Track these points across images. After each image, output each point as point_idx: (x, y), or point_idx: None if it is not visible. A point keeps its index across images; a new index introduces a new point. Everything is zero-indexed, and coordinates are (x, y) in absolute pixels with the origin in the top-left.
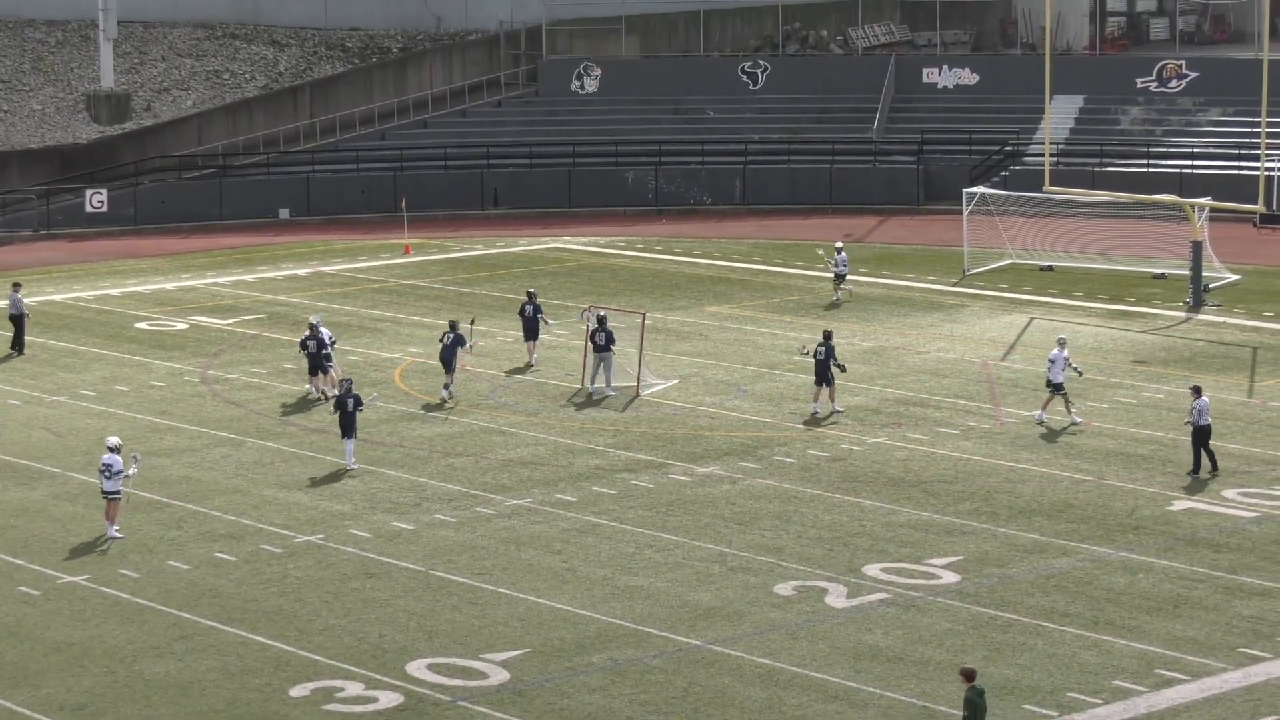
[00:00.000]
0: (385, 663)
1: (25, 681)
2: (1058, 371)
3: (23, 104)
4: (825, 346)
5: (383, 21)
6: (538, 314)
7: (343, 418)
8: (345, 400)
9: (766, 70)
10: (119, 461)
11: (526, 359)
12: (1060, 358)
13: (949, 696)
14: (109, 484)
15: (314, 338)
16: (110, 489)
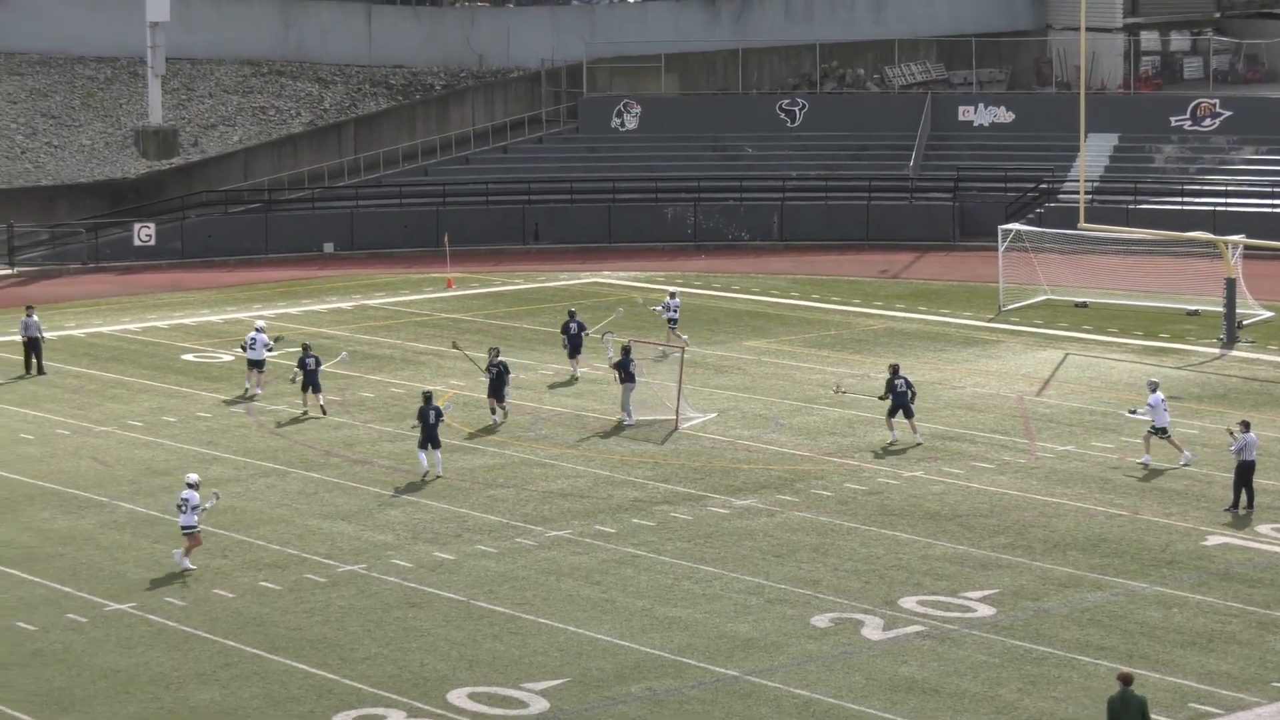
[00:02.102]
0: (427, 691)
1: (73, 707)
2: (1162, 415)
3: (72, 139)
4: (902, 379)
5: (426, 59)
6: (581, 331)
7: (425, 429)
8: (427, 412)
9: (804, 108)
10: (196, 496)
11: (571, 374)
12: (1159, 401)
13: None
14: (184, 518)
15: (311, 355)
16: (186, 523)
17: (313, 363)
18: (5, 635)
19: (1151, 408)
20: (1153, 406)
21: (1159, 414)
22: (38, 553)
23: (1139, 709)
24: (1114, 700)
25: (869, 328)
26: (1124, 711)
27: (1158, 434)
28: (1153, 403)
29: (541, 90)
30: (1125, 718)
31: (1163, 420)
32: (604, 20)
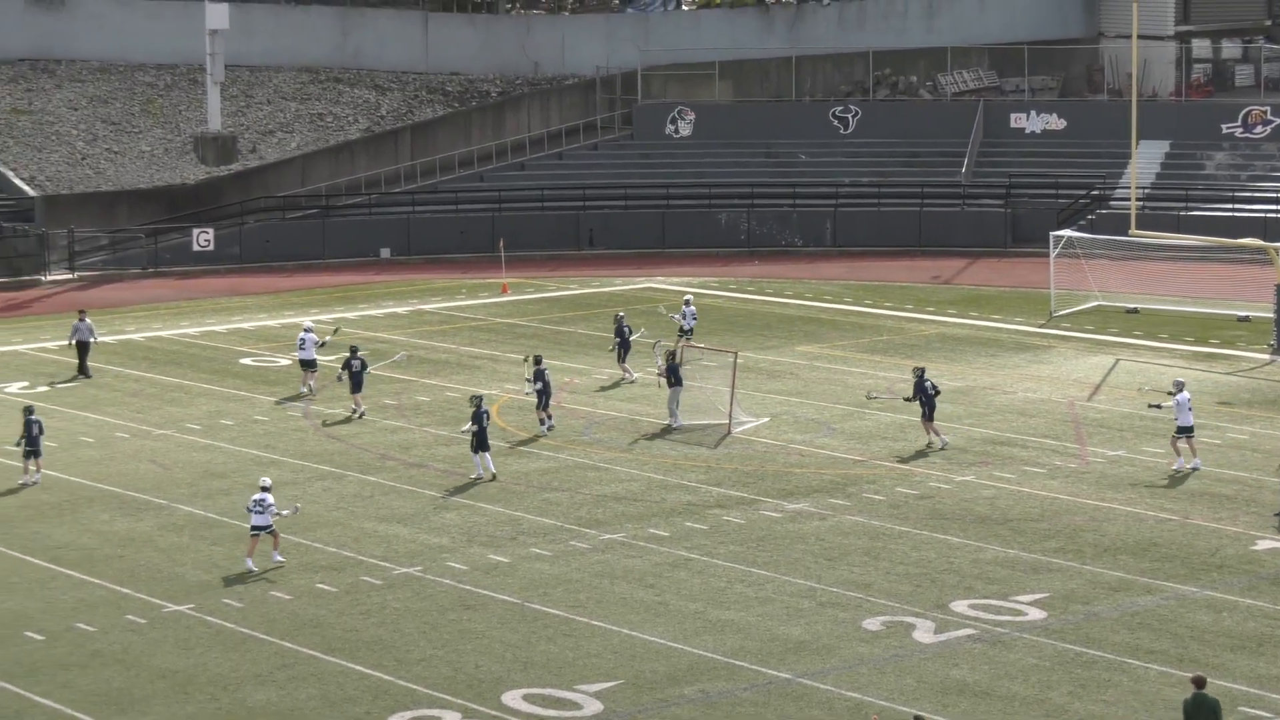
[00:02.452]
0: (481, 693)
1: (131, 708)
2: (1186, 415)
3: (132, 145)
4: (929, 381)
5: (482, 66)
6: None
7: (478, 433)
8: (481, 415)
9: (857, 115)
10: (270, 498)
11: (622, 377)
12: (1185, 400)
13: None
14: (258, 519)
15: (356, 357)
16: (258, 524)
17: (358, 365)
18: (65, 636)
19: (1178, 406)
20: (1179, 405)
21: (1183, 414)
22: (97, 554)
23: (1212, 711)
24: (1188, 703)
25: (921, 333)
26: (1197, 714)
27: (1182, 434)
28: (1180, 402)
29: (596, 97)
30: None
31: (1187, 420)
32: (659, 28)
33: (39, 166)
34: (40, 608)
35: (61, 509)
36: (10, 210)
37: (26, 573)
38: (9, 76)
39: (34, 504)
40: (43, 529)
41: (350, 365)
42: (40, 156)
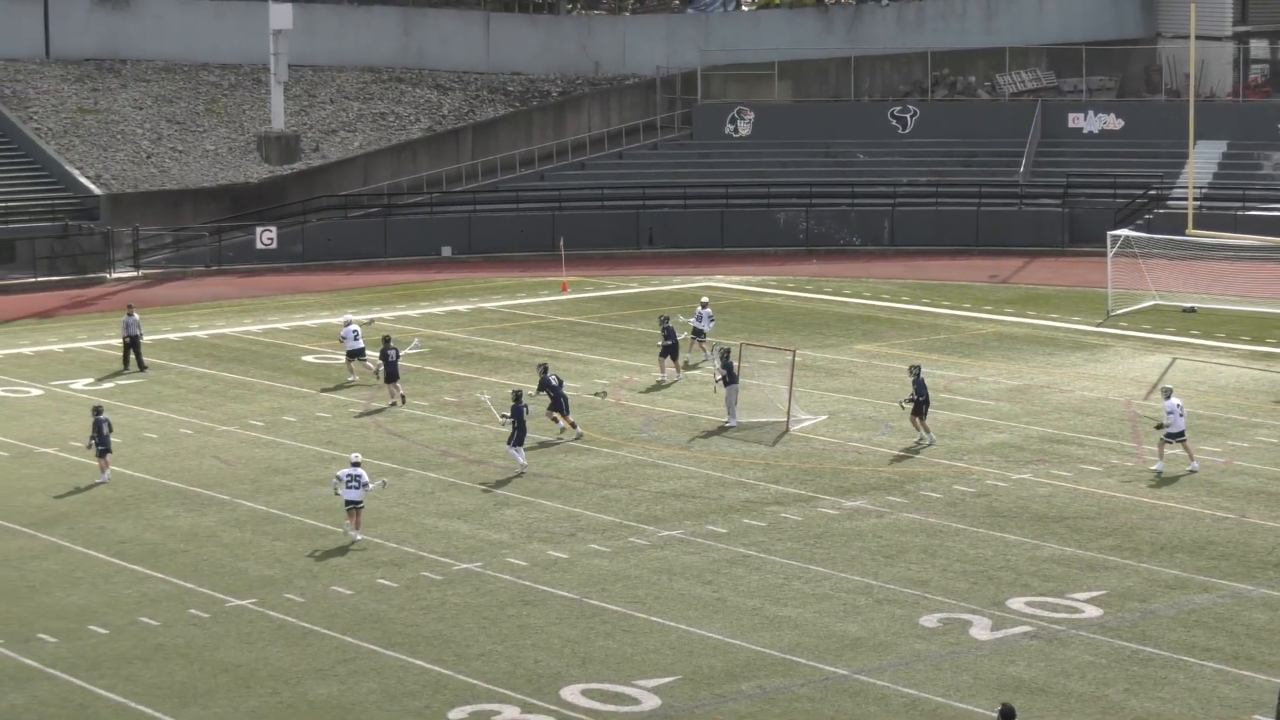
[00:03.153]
0: (540, 687)
1: (194, 701)
2: (1178, 421)
3: (197, 144)
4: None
5: (543, 67)
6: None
7: (517, 427)
8: (520, 410)
9: (915, 115)
10: (364, 474)
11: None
12: (1176, 407)
13: None
14: (352, 494)
15: (392, 348)
16: (351, 499)
17: (394, 354)
18: (129, 630)
19: (1169, 414)
20: (1170, 413)
21: (1175, 420)
22: (161, 549)
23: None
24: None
25: (978, 332)
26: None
27: (1172, 439)
28: (1169, 409)
29: (656, 97)
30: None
31: (1178, 426)
32: (718, 28)
33: (105, 165)
34: (105, 602)
35: (126, 504)
36: (76, 208)
37: (91, 567)
38: (75, 76)
39: (99, 499)
40: (108, 524)
41: (386, 355)
42: (106, 155)
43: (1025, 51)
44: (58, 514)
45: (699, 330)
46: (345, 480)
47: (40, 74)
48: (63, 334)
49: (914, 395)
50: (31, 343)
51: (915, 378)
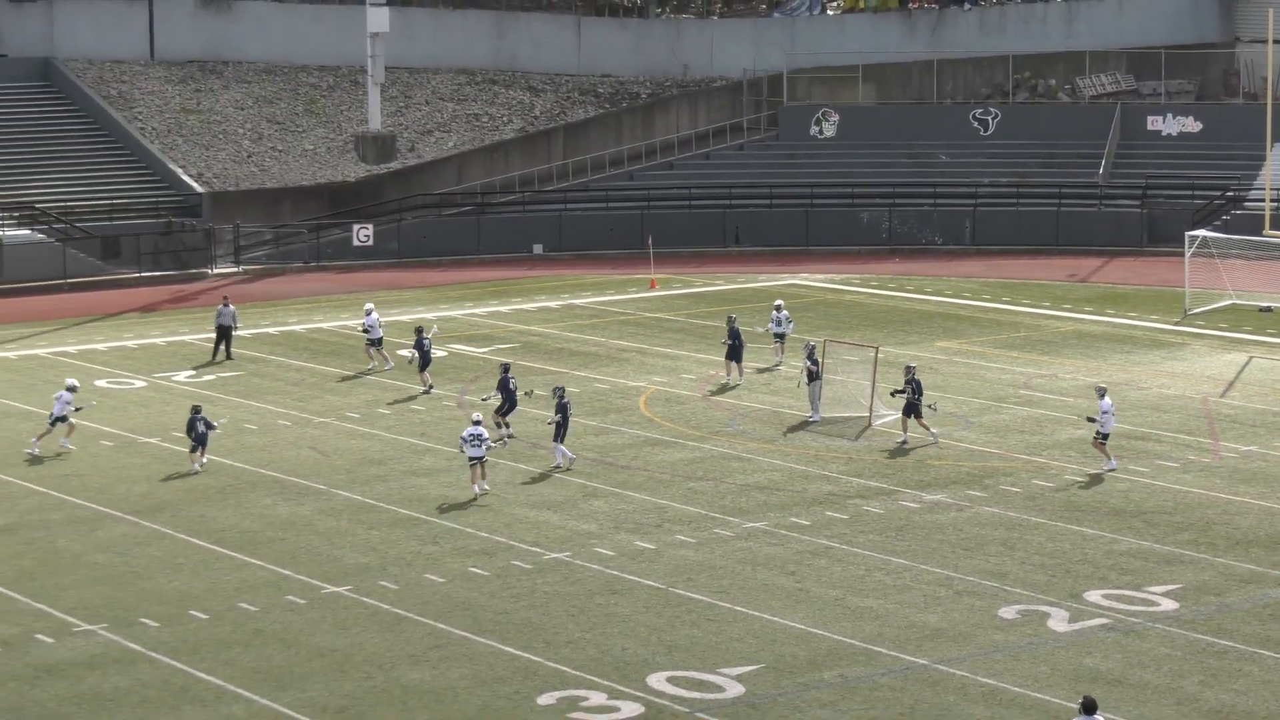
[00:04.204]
0: (627, 674)
1: (291, 684)
2: (1109, 422)
3: (296, 144)
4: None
5: (632, 69)
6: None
7: (560, 423)
8: (564, 406)
9: (997, 117)
10: (485, 432)
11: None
12: (1110, 407)
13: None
14: (475, 451)
15: (426, 338)
16: (475, 454)
17: (428, 344)
18: (228, 615)
19: (1104, 413)
20: (1104, 413)
21: (1107, 420)
22: (259, 537)
23: None
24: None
25: (1057, 330)
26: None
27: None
28: (1103, 408)
29: (743, 99)
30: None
31: (1109, 426)
32: (804, 32)
33: (207, 164)
34: (205, 588)
35: (225, 493)
36: (179, 206)
37: (192, 554)
38: (179, 77)
39: (199, 488)
40: (208, 512)
41: (421, 345)
42: (208, 154)
43: (1105, 55)
44: (160, 502)
45: (779, 334)
46: (469, 440)
47: (145, 75)
48: (165, 328)
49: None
50: (135, 336)
51: (910, 377)
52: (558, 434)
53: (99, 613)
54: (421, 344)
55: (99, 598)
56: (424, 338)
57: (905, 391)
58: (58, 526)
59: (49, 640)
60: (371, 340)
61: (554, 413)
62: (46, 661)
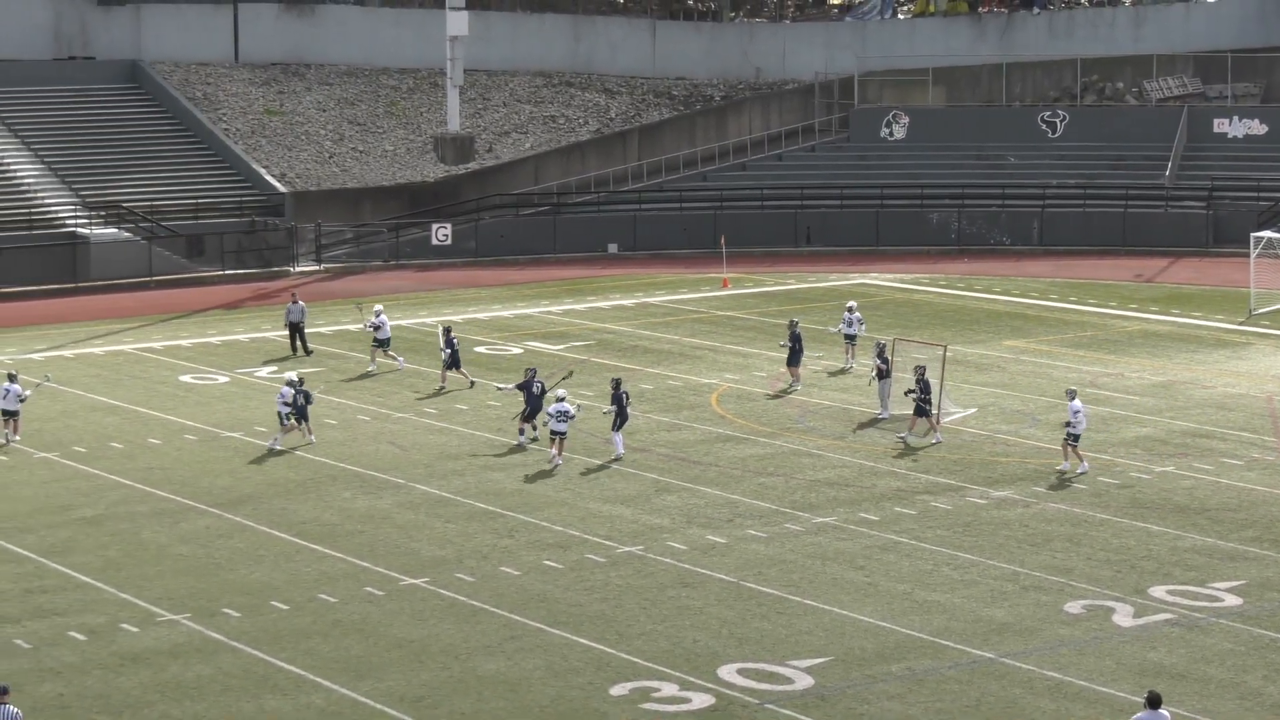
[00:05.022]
0: (698, 666)
1: (369, 674)
2: (1080, 424)
3: (376, 145)
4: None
5: (706, 72)
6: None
7: (618, 414)
8: (621, 396)
9: (1065, 119)
10: (570, 407)
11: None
12: (1080, 408)
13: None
14: (559, 425)
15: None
16: (559, 429)
17: (455, 341)
18: (308, 606)
19: (1074, 415)
20: (1075, 414)
21: (1079, 422)
22: (339, 530)
23: None
24: None
25: (1124, 329)
26: None
27: (1072, 441)
28: (1073, 409)
29: (815, 101)
30: None
31: (1080, 428)
32: (875, 35)
33: (289, 164)
34: (286, 579)
35: (306, 487)
36: (262, 205)
37: (273, 546)
38: (263, 80)
39: (281, 482)
40: (289, 505)
41: (451, 344)
42: (290, 155)
43: (1172, 58)
44: (243, 495)
45: (850, 335)
46: (555, 415)
47: (230, 77)
48: (248, 324)
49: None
50: (219, 332)
51: (919, 377)
52: (615, 424)
53: (183, 603)
54: (451, 342)
55: (183, 588)
56: (451, 337)
57: (915, 392)
58: (143, 519)
59: (134, 629)
60: (378, 341)
61: (609, 403)
62: (132, 650)
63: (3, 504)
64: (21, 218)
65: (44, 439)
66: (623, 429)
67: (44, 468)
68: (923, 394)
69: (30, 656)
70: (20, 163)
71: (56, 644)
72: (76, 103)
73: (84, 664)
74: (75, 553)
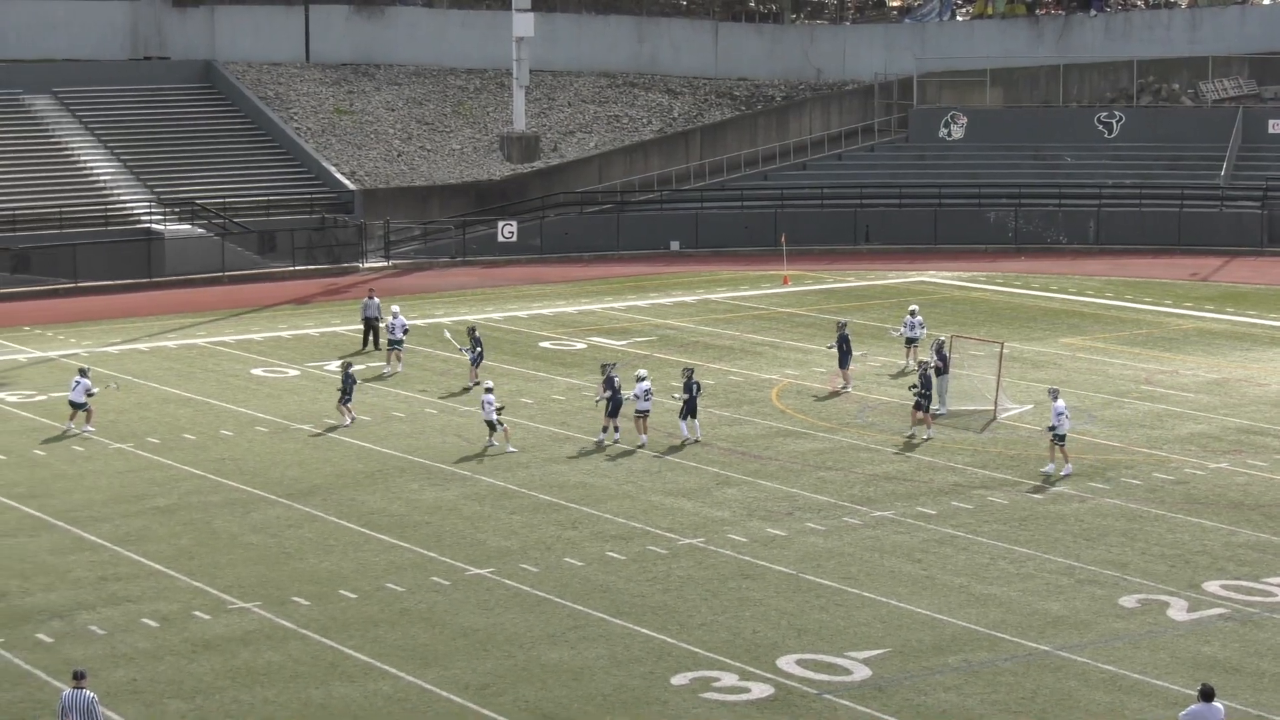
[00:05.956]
0: (758, 656)
1: (435, 662)
2: (1064, 424)
3: (444, 144)
4: (924, 376)
5: (767, 72)
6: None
7: (688, 401)
8: (692, 386)
9: (1121, 120)
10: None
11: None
12: (1063, 408)
13: None
14: (643, 405)
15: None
16: (643, 408)
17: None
18: (376, 595)
19: (1057, 415)
20: (1058, 414)
21: (1062, 422)
22: (406, 520)
23: None
24: None
25: (1179, 327)
26: None
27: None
28: (1057, 410)
29: (874, 102)
30: None
31: (1064, 428)
32: (934, 37)
33: (359, 162)
34: (354, 568)
35: (375, 478)
36: (332, 202)
37: (342, 536)
38: (333, 79)
39: (349, 473)
40: (358, 496)
41: (477, 344)
42: (360, 153)
43: (1228, 60)
44: (312, 486)
45: (911, 339)
46: (641, 395)
47: (300, 77)
48: (318, 319)
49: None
50: (290, 327)
51: (922, 373)
52: (683, 412)
53: (253, 591)
54: (478, 340)
55: (253, 576)
56: (476, 335)
57: (917, 387)
58: (215, 508)
59: (206, 617)
60: (392, 341)
61: (682, 391)
62: (203, 637)
63: (79, 493)
64: (98, 214)
65: (119, 430)
66: (693, 418)
67: (119, 458)
68: (923, 389)
69: (104, 643)
70: (97, 161)
71: (130, 630)
72: (152, 102)
73: (157, 650)
74: (149, 541)
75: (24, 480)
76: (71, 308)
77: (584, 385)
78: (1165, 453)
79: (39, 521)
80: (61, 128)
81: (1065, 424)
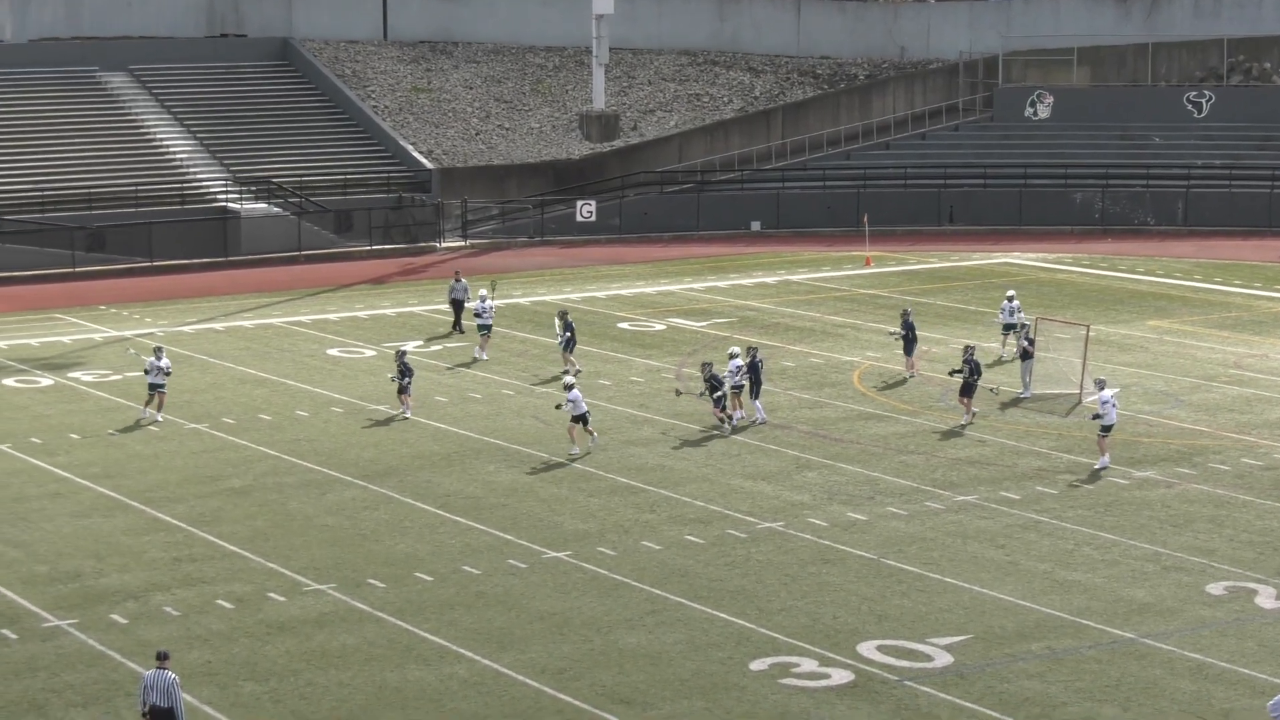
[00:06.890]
0: (838, 642)
1: (512, 646)
2: (1112, 414)
3: (522, 122)
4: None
5: (850, 51)
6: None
7: (753, 383)
8: (757, 365)
9: (1210, 100)
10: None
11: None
12: (1110, 397)
13: None
14: (738, 381)
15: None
16: (739, 384)
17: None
18: (452, 578)
19: (1103, 405)
20: (1104, 404)
21: (1109, 412)
22: (483, 503)
23: None
24: None
25: (1268, 310)
26: None
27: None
28: (1103, 399)
29: (959, 81)
30: None
31: (1112, 418)
32: (1019, 15)
33: (436, 141)
34: (430, 551)
35: (451, 460)
36: (409, 181)
37: (418, 518)
38: (411, 58)
39: (425, 454)
40: (433, 478)
41: (570, 327)
42: (438, 132)
43: None
44: (388, 468)
45: (1010, 325)
46: (734, 372)
47: (378, 55)
48: (395, 299)
49: (962, 370)
50: (366, 307)
51: (967, 357)
52: (752, 392)
53: (328, 573)
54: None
55: (328, 558)
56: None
57: (963, 371)
58: (290, 490)
59: (280, 599)
60: (481, 325)
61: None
62: (278, 619)
63: (154, 474)
64: (174, 193)
65: (194, 410)
66: (759, 397)
67: (194, 439)
68: (973, 374)
69: (179, 624)
70: (174, 139)
71: (205, 612)
72: (228, 80)
73: (231, 632)
74: (223, 522)
75: (99, 460)
76: (147, 287)
77: (663, 367)
78: (1254, 438)
79: (114, 502)
80: (138, 106)
81: (1113, 414)
